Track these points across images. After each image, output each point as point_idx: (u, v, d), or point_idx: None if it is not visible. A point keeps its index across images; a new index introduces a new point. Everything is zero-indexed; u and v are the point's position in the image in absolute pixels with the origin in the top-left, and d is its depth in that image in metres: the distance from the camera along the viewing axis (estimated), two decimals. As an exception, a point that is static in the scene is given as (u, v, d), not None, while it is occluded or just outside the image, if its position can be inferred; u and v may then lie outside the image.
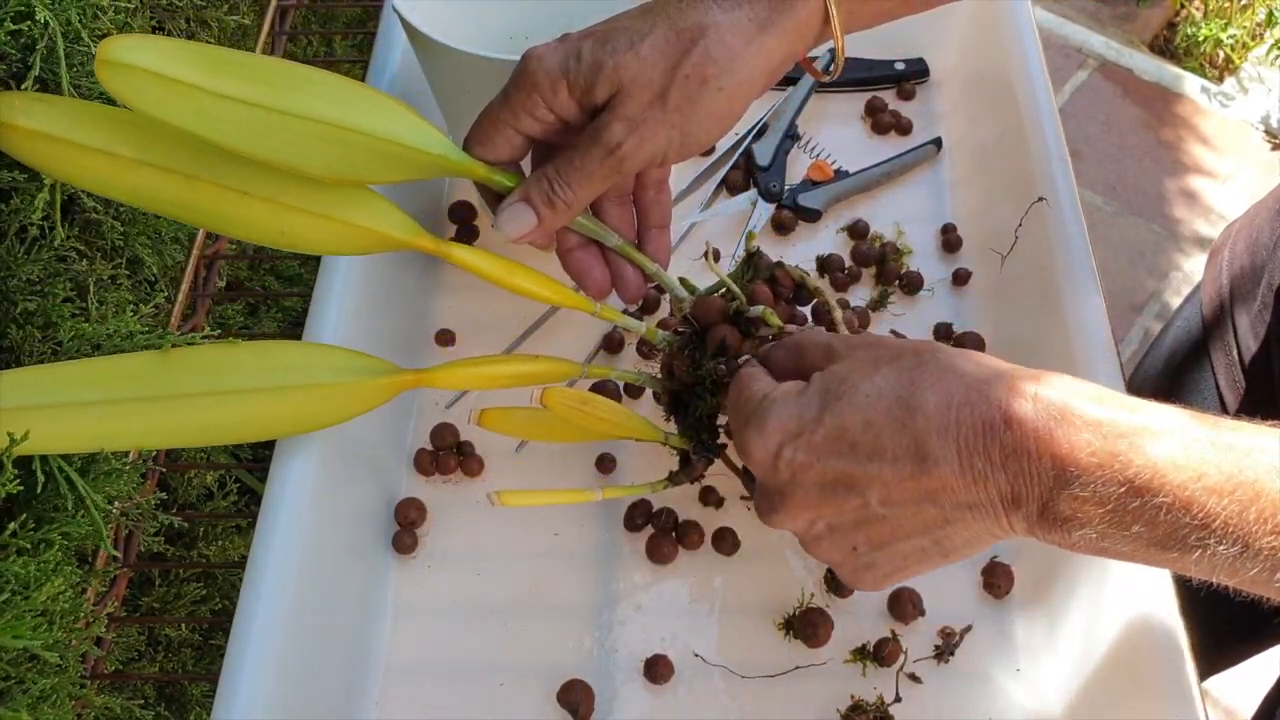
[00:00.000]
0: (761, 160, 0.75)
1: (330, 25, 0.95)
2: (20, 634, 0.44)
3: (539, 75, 0.50)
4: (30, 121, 0.50)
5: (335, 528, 0.56)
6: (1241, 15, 1.89)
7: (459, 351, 0.68)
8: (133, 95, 0.49)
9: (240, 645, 0.49)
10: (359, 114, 0.52)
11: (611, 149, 0.49)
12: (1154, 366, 0.80)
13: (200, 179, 0.52)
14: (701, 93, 0.49)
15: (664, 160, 0.51)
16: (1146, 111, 1.85)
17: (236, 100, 0.50)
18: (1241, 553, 0.38)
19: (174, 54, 0.50)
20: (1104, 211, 1.73)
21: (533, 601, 0.59)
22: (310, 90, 0.52)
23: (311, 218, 0.53)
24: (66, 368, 0.51)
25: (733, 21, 0.49)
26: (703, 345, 0.55)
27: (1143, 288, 1.65)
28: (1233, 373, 0.70)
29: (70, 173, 0.52)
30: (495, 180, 0.53)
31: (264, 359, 0.53)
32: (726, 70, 0.49)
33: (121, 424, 0.51)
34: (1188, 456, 0.38)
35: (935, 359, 0.43)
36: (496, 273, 0.55)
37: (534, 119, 0.51)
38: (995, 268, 0.68)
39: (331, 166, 0.52)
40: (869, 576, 0.46)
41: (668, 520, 0.60)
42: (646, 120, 0.49)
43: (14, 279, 0.55)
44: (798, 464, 0.44)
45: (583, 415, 0.54)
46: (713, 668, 0.56)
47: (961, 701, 0.55)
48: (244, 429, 0.53)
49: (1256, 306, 0.68)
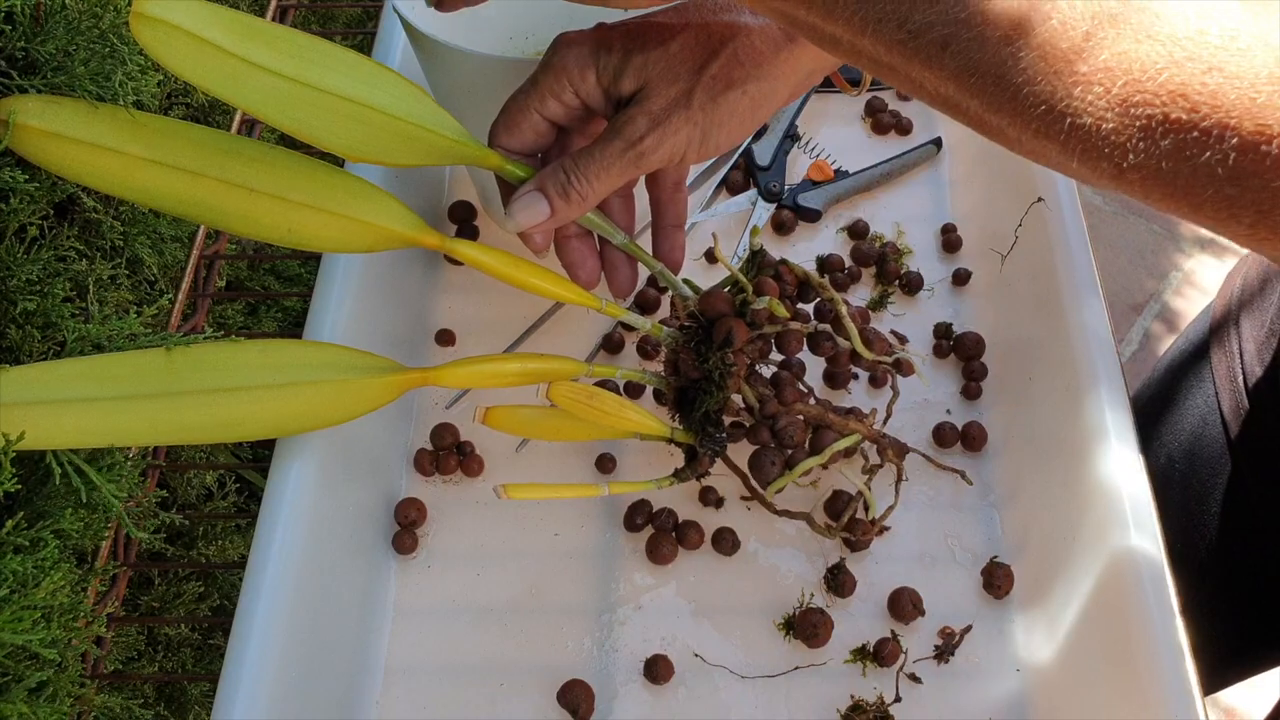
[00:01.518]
0: (761, 160, 0.75)
1: (330, 25, 0.96)
2: (19, 630, 0.44)
3: (569, 59, 0.51)
4: (43, 123, 0.51)
5: (335, 528, 0.56)
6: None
7: (459, 351, 0.68)
8: (164, 52, 0.50)
9: (240, 645, 0.49)
10: (383, 94, 0.52)
11: (633, 143, 0.50)
12: (1158, 373, 0.80)
13: (207, 175, 0.53)
14: (726, 95, 0.49)
15: (683, 159, 0.51)
16: (1146, 111, 1.84)
17: (265, 69, 0.51)
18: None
19: (207, 17, 0.51)
20: (1104, 211, 1.73)
21: (533, 602, 0.59)
22: (337, 67, 0.52)
23: (318, 214, 0.53)
24: (69, 364, 0.51)
25: (763, 28, 0.50)
26: (708, 339, 0.55)
27: (1143, 288, 1.66)
28: (1233, 371, 0.70)
29: (82, 172, 0.52)
30: (509, 170, 0.54)
31: (269, 357, 0.53)
32: (752, 75, 0.49)
33: (126, 420, 0.50)
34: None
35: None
36: (503, 268, 0.55)
37: (560, 103, 0.52)
38: (995, 268, 0.68)
39: (352, 143, 0.52)
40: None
41: (667, 520, 0.60)
42: (670, 117, 0.49)
43: (14, 279, 0.55)
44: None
45: (589, 410, 0.54)
46: (713, 668, 0.56)
47: (961, 702, 0.55)
48: (251, 426, 0.53)
49: (1271, 314, 0.68)
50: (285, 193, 0.53)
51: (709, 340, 0.55)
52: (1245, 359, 0.69)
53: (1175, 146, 0.29)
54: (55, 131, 0.51)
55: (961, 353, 0.66)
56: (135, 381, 0.51)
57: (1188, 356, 0.76)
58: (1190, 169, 0.29)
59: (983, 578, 0.58)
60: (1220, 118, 0.28)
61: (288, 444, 0.55)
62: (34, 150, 0.52)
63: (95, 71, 0.51)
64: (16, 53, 0.50)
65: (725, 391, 0.54)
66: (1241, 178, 0.29)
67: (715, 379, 0.54)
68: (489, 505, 0.62)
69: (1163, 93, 0.29)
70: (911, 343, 0.67)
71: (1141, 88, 0.29)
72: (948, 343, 0.67)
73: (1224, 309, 0.73)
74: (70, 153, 0.52)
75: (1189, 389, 0.74)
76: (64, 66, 0.50)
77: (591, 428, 0.56)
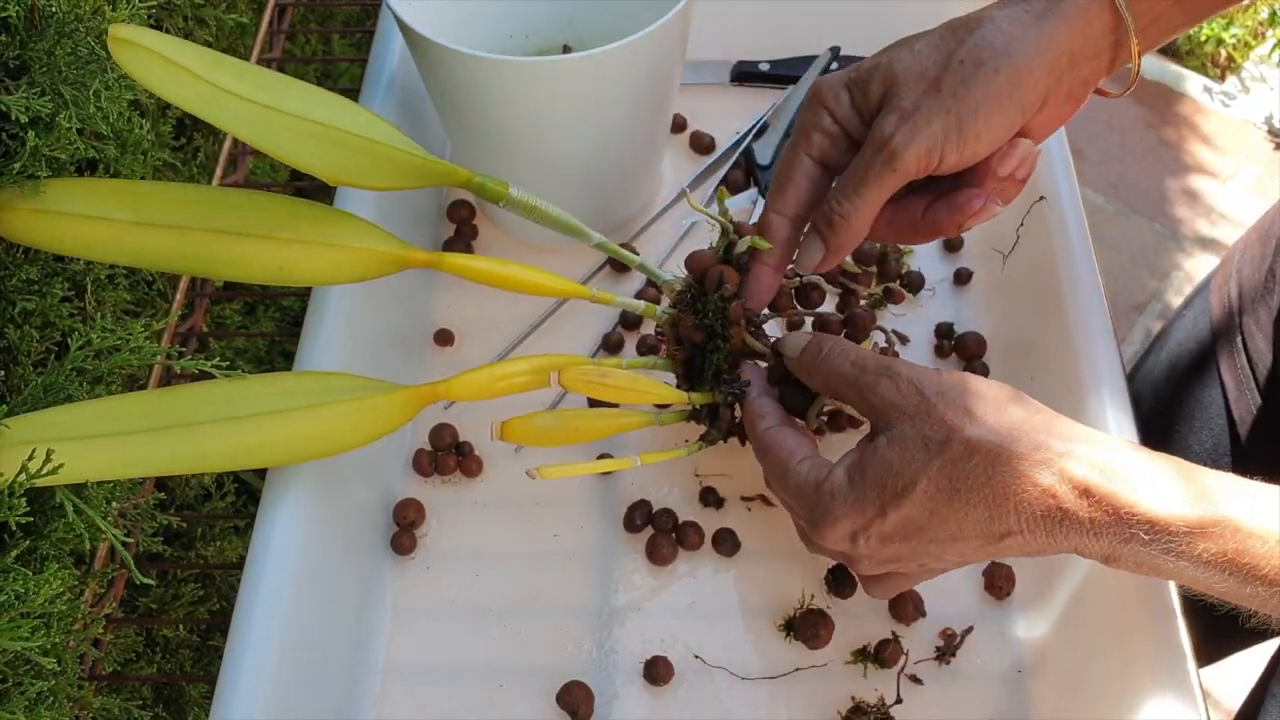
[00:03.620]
0: (762, 159, 0.75)
1: (329, 23, 0.95)
2: (18, 636, 0.44)
3: (823, 89, 0.50)
4: (28, 202, 0.53)
5: (334, 528, 0.56)
6: (1243, 14, 1.88)
7: (458, 352, 0.68)
8: (142, 72, 0.51)
9: (238, 646, 0.49)
10: (353, 121, 0.54)
11: (883, 143, 0.48)
12: (1157, 373, 0.80)
13: (194, 228, 0.54)
14: (977, 75, 0.47)
15: (941, 159, 0.48)
16: (1148, 110, 1.85)
17: (235, 95, 0.53)
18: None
19: (176, 46, 0.53)
20: (1106, 211, 1.73)
21: (532, 602, 0.59)
22: (307, 97, 0.54)
23: (307, 247, 0.54)
24: (88, 406, 0.51)
25: (1009, 14, 0.48)
26: (703, 295, 0.55)
27: (1144, 287, 1.65)
28: (1240, 379, 0.70)
29: (72, 244, 0.54)
30: (477, 184, 0.55)
31: (278, 385, 0.53)
32: (1003, 52, 0.47)
33: (146, 452, 0.50)
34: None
35: (980, 446, 0.44)
36: (490, 272, 0.56)
37: (823, 133, 0.51)
38: (997, 267, 0.68)
39: (329, 165, 0.54)
40: (889, 588, 0.50)
41: (667, 521, 0.60)
42: (920, 108, 0.47)
43: (13, 279, 0.55)
44: (872, 546, 0.47)
45: (604, 389, 0.53)
46: (713, 669, 0.56)
47: (963, 703, 0.55)
48: (269, 452, 0.52)
49: (1276, 306, 0.68)
50: (273, 232, 0.54)
51: (704, 295, 0.55)
52: (1252, 355, 0.69)
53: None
54: (43, 209, 0.53)
55: (963, 353, 0.66)
56: (152, 416, 0.51)
57: (1190, 366, 0.75)
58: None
59: (984, 579, 0.58)
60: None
61: (286, 444, 0.55)
62: (23, 231, 0.53)
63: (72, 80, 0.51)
64: (11, 61, 0.50)
65: (730, 340, 0.55)
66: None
67: (718, 329, 0.55)
68: (488, 506, 0.62)
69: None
70: (913, 342, 0.66)
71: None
72: (949, 343, 0.67)
73: (1224, 306, 0.73)
74: (59, 227, 0.53)
75: (1194, 399, 0.74)
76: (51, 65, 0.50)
77: (609, 424, 0.55)
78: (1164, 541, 0.41)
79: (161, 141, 0.68)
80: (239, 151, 0.77)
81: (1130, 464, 0.43)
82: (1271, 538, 0.40)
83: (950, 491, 0.44)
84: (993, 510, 0.44)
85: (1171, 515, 0.41)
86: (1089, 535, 0.43)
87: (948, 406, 0.45)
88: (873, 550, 0.47)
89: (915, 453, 0.45)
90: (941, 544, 0.45)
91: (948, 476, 0.44)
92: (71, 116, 0.51)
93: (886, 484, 0.45)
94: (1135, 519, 0.42)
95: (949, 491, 0.44)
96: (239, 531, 0.78)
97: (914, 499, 0.45)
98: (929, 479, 0.44)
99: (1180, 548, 0.41)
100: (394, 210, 0.66)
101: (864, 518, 0.46)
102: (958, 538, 0.45)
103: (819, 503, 0.47)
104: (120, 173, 0.60)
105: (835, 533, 0.47)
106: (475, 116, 0.63)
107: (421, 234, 0.72)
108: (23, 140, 0.50)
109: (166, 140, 0.69)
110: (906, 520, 0.45)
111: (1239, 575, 0.41)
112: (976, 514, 0.44)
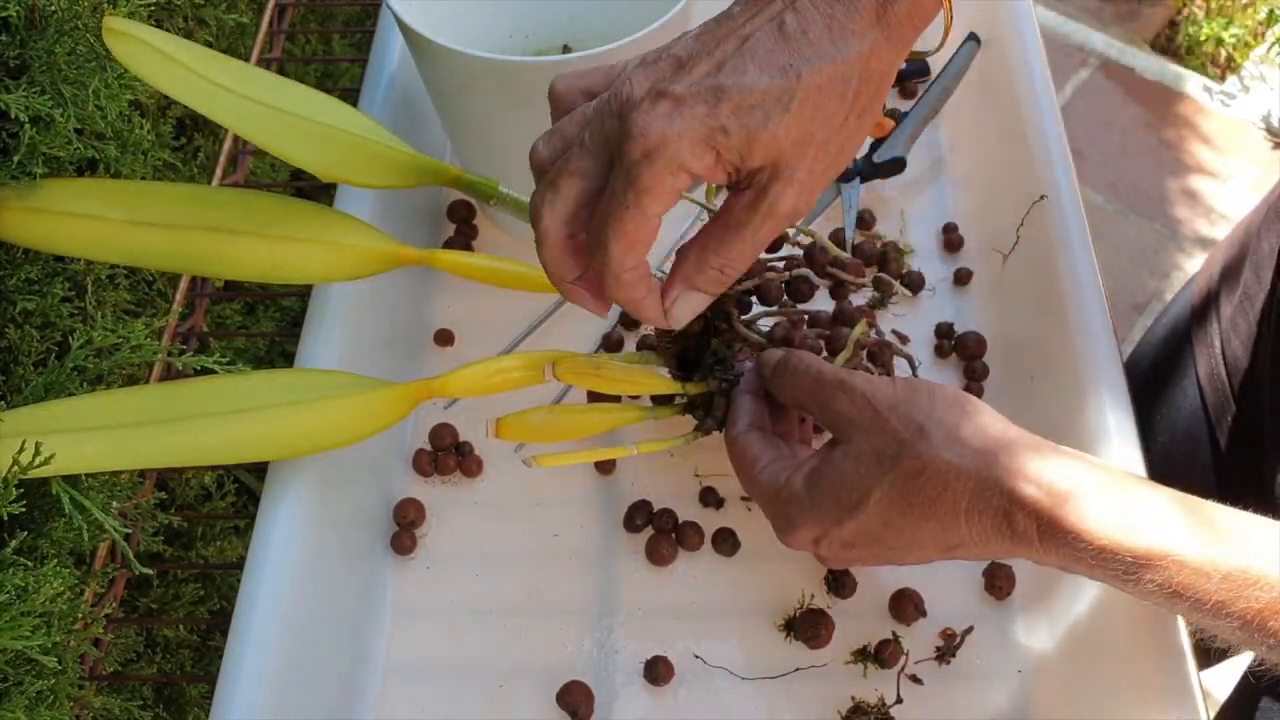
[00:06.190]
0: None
1: (329, 23, 0.95)
2: (19, 635, 0.44)
3: (681, 150, 0.42)
4: (25, 201, 0.53)
5: (334, 528, 0.56)
6: (1243, 14, 1.88)
7: (458, 351, 0.68)
8: (137, 64, 0.52)
9: (238, 646, 0.49)
10: (346, 120, 0.55)
11: (785, 216, 0.45)
12: (1145, 356, 0.80)
13: (188, 226, 0.55)
14: (860, 125, 0.44)
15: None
16: (1148, 110, 1.84)
17: (229, 91, 0.53)
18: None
19: (171, 41, 0.53)
20: (1105, 210, 1.73)
21: (532, 602, 0.59)
22: (302, 97, 0.55)
23: (300, 244, 0.55)
24: (86, 400, 0.51)
25: (869, 40, 0.43)
26: None
27: (1144, 287, 1.65)
28: (1213, 365, 0.70)
29: (67, 244, 0.54)
30: (476, 185, 0.55)
31: (277, 380, 0.53)
32: (880, 93, 0.44)
33: (141, 444, 0.50)
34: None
35: (931, 464, 0.45)
36: (485, 269, 0.56)
37: (676, 195, 0.44)
38: (997, 267, 0.68)
39: (322, 161, 0.55)
40: (857, 561, 0.51)
41: (667, 521, 0.60)
42: (812, 174, 0.44)
43: (13, 278, 0.55)
44: (834, 550, 0.49)
45: (597, 379, 0.53)
46: (713, 669, 0.56)
47: (963, 703, 0.55)
48: (265, 446, 0.52)
49: (1238, 295, 0.68)
50: (266, 229, 0.54)
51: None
52: (1224, 344, 0.69)
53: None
54: (37, 208, 0.53)
55: (963, 352, 0.66)
56: (148, 409, 0.51)
57: (1171, 347, 0.76)
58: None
59: (984, 579, 0.57)
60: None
61: (286, 444, 0.55)
62: (17, 230, 0.53)
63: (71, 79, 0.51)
64: (11, 60, 0.50)
65: (733, 327, 0.55)
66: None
67: (715, 320, 0.55)
68: (488, 505, 0.62)
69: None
70: (913, 341, 0.66)
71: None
72: (949, 342, 0.67)
73: (1205, 291, 0.73)
74: (53, 225, 0.53)
75: (1172, 382, 0.74)
76: (50, 64, 0.51)
77: (604, 419, 0.55)
78: (1110, 567, 0.42)
79: (162, 141, 0.68)
80: (239, 151, 0.77)
81: (1083, 489, 0.43)
82: (1217, 574, 0.41)
83: (903, 505, 0.45)
84: (944, 524, 0.45)
85: (1118, 545, 0.42)
86: (1040, 553, 0.44)
87: (900, 421, 0.46)
88: (835, 554, 0.49)
89: (869, 467, 0.46)
90: (900, 549, 0.47)
91: (900, 491, 0.45)
92: (70, 115, 0.51)
93: (841, 497, 0.47)
94: (1081, 545, 0.42)
95: (901, 505, 0.45)
96: (239, 531, 0.78)
97: (868, 511, 0.46)
98: (882, 492, 0.45)
99: (1126, 575, 0.42)
100: (393, 211, 0.66)
101: (822, 526, 0.48)
102: (914, 545, 0.47)
103: (779, 510, 0.49)
104: (120, 173, 0.60)
105: (797, 537, 0.49)
106: (475, 116, 0.63)
107: (421, 234, 0.72)
108: (21, 138, 0.50)
109: (167, 140, 0.69)
110: (863, 530, 0.47)
111: (1185, 604, 0.42)
112: (930, 526, 0.45)
